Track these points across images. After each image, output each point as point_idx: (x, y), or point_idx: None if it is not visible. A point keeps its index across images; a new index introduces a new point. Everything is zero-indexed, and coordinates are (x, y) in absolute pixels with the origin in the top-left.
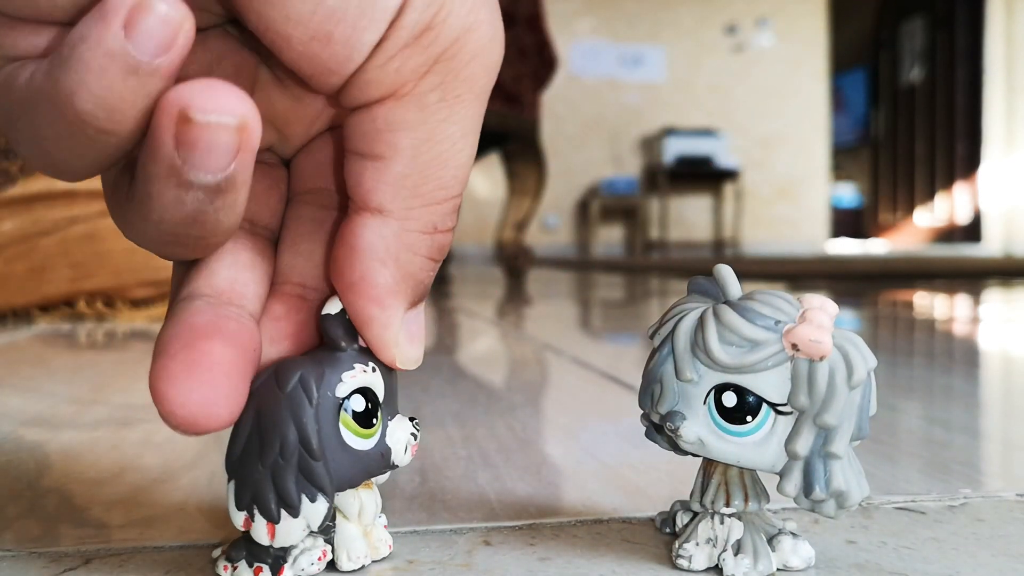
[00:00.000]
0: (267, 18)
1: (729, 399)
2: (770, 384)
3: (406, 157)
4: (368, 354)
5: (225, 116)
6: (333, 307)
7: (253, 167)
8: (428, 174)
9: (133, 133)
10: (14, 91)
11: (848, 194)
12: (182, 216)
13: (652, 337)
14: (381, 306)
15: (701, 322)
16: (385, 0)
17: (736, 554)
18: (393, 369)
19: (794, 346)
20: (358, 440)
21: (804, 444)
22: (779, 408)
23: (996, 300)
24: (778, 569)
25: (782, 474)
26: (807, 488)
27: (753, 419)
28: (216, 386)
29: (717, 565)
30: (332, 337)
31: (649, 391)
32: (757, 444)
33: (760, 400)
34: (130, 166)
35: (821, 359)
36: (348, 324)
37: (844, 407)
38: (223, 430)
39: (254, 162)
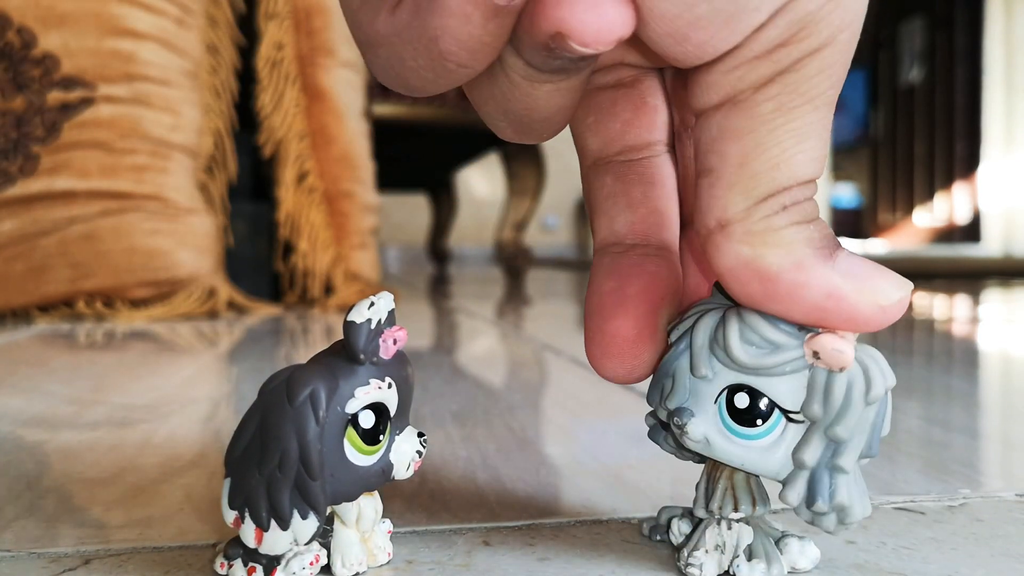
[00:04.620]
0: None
1: (741, 400)
2: (785, 390)
3: (733, 166)
4: (386, 368)
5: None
6: (359, 315)
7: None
8: (760, 179)
9: (486, 65)
10: (377, 24)
11: (847, 194)
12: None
13: (670, 333)
14: (812, 306)
15: (724, 320)
16: (751, 17)
17: (749, 559)
18: (410, 382)
19: (815, 354)
20: (361, 456)
21: (812, 454)
22: (791, 415)
23: (996, 300)
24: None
25: (786, 482)
26: (810, 499)
27: (763, 423)
28: (620, 356)
29: (728, 571)
30: (353, 347)
31: (659, 385)
32: (764, 449)
33: (772, 405)
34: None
35: (841, 371)
36: (371, 335)
37: (858, 422)
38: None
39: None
